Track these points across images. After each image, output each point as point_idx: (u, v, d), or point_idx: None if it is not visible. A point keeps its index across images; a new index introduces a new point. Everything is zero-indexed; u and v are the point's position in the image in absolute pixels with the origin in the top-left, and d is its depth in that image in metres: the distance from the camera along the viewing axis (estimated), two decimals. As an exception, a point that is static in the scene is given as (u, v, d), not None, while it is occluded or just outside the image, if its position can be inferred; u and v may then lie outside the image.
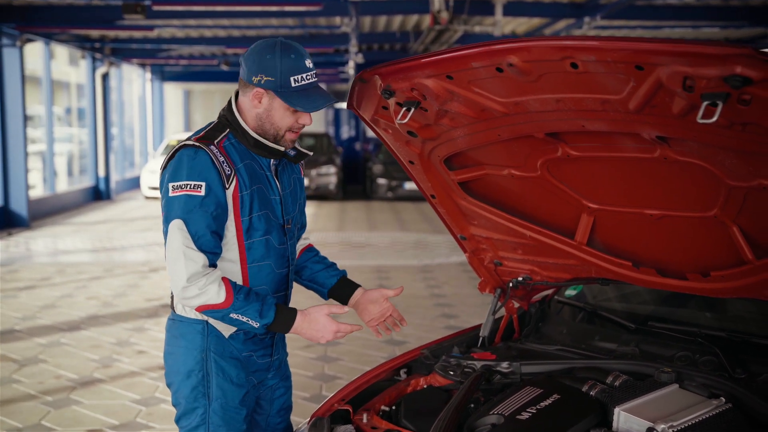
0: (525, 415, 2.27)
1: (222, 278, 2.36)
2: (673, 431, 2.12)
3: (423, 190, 2.89)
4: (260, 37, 15.49)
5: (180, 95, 27.38)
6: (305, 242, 2.81)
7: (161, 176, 2.43)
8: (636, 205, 2.48)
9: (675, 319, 2.87)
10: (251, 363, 2.55)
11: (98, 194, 17.84)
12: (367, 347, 6.19)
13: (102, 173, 17.87)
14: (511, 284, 3.03)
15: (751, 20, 12.68)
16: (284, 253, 2.56)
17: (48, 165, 15.51)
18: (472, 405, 2.45)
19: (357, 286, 2.76)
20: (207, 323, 2.47)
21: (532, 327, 3.11)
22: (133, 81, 22.68)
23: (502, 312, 3.11)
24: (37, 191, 15.32)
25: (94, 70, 17.62)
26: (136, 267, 9.87)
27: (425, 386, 2.71)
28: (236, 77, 2.72)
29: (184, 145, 2.39)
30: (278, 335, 2.63)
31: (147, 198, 18.02)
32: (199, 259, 2.33)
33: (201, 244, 2.34)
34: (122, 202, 17.69)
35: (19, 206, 13.20)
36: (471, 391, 2.47)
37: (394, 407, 2.59)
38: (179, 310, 2.51)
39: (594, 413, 2.28)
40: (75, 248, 11.44)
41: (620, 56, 1.93)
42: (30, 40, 13.55)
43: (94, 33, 15.84)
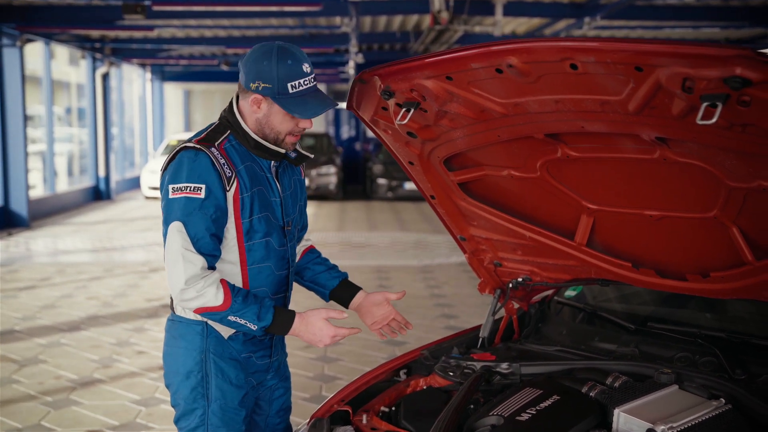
0: (525, 416, 2.27)
1: (220, 280, 2.36)
2: (673, 432, 2.12)
3: (422, 191, 2.88)
4: (260, 37, 15.58)
5: (180, 95, 27.38)
6: (307, 243, 2.81)
7: (161, 178, 2.43)
8: (636, 206, 2.47)
9: (675, 320, 2.87)
10: (250, 364, 2.55)
11: (98, 194, 17.84)
12: (367, 348, 6.19)
13: (102, 173, 17.88)
14: (511, 285, 3.03)
15: (752, 21, 12.69)
16: (284, 255, 2.56)
17: (48, 165, 15.51)
18: (472, 406, 2.44)
19: (359, 289, 2.76)
20: (206, 324, 2.47)
21: (532, 328, 3.10)
22: (133, 81, 22.69)
23: (502, 313, 3.10)
24: (37, 191, 15.32)
25: (94, 70, 17.63)
26: (136, 267, 9.87)
27: (425, 387, 2.71)
28: (236, 77, 2.72)
29: (185, 147, 2.39)
30: (277, 336, 2.63)
31: (147, 198, 18.02)
32: (198, 262, 2.33)
33: (200, 247, 2.34)
34: (122, 202, 17.69)
35: (19, 206, 13.20)
36: (471, 392, 2.47)
37: (394, 408, 2.59)
38: (179, 311, 2.51)
39: (594, 414, 2.28)
40: (75, 248, 11.44)
41: (620, 57, 1.93)
42: (30, 40, 13.56)
43: (94, 33, 15.85)
